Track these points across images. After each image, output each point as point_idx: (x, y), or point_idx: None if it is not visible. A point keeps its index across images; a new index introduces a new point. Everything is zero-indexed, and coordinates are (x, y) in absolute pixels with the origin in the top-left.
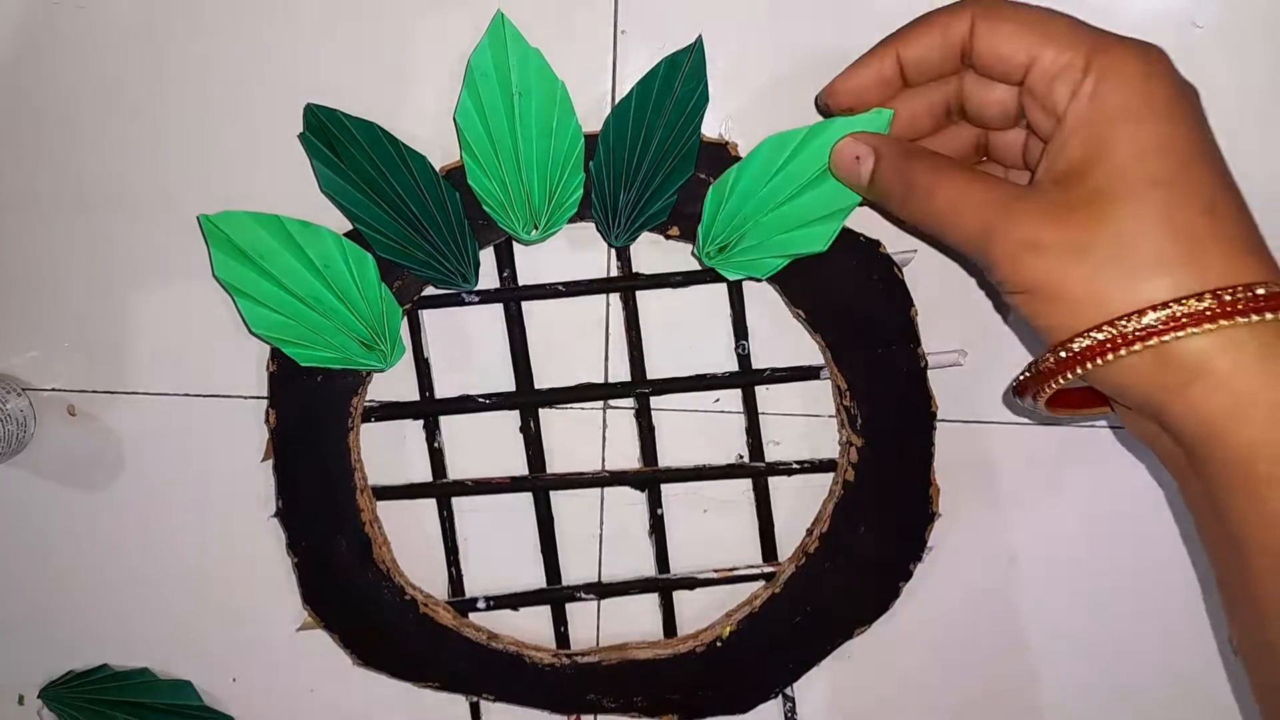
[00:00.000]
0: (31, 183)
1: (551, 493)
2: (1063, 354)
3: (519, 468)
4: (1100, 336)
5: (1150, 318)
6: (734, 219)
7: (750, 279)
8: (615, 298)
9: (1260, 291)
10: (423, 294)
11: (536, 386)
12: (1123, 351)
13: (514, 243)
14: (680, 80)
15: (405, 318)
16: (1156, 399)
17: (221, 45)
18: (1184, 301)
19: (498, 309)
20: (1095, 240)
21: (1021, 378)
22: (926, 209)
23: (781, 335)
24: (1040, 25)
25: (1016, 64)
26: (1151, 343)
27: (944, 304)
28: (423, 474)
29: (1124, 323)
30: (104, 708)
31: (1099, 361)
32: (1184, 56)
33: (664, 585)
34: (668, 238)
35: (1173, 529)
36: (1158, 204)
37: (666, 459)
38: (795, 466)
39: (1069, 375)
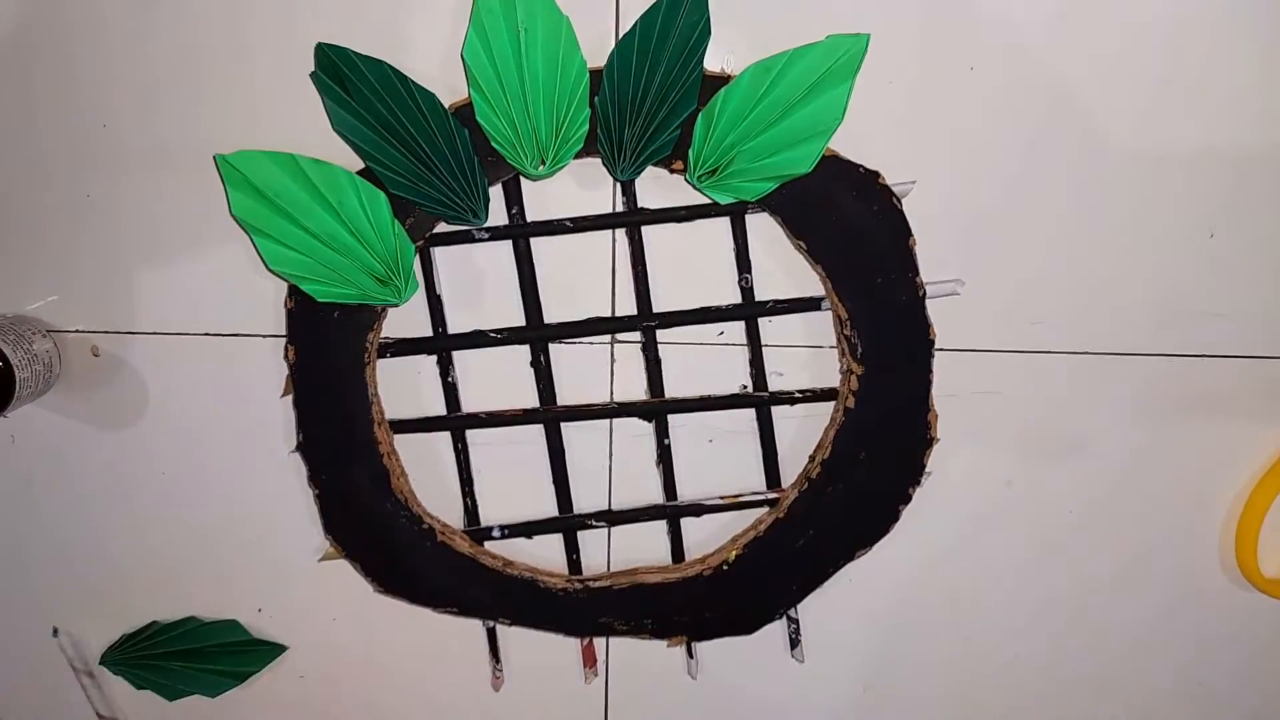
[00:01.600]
0: (52, 131)
1: (562, 424)
2: None
3: (530, 401)
4: None
5: None
6: (722, 144)
7: (741, 202)
8: (621, 233)
9: None
10: (434, 231)
11: (546, 321)
12: None
13: (522, 179)
14: (683, 14)
15: (418, 256)
16: None
17: None
18: None
19: (507, 246)
20: None
21: None
22: None
23: (783, 268)
24: None
25: None
26: None
27: (942, 234)
28: (437, 407)
29: None
30: (161, 660)
31: None
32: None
33: (672, 512)
34: (672, 172)
35: (1161, 450)
36: None
37: (673, 390)
38: (798, 395)
39: None
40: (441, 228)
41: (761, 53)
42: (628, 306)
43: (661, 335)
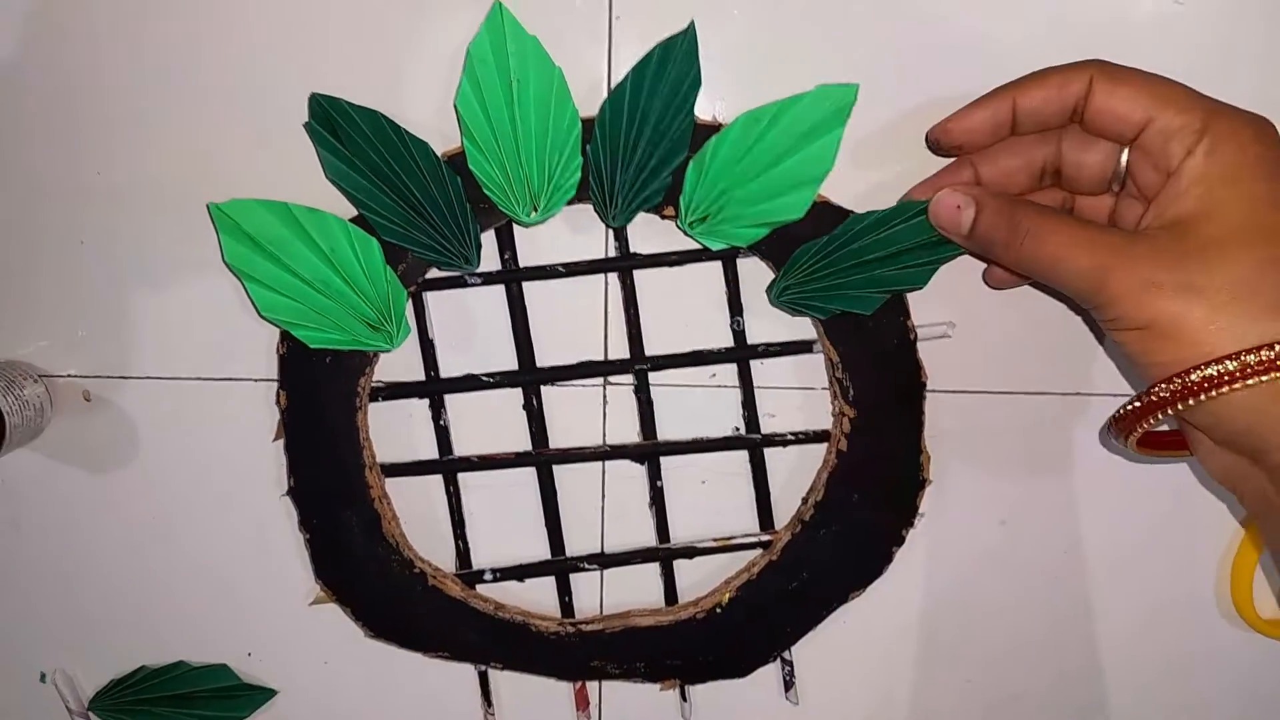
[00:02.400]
0: (45, 176)
1: (554, 467)
2: (1177, 384)
3: (522, 443)
4: (1221, 369)
5: (1277, 350)
6: (713, 191)
7: (732, 247)
8: (613, 277)
9: None
10: (426, 276)
11: (538, 365)
12: (1239, 384)
13: (514, 225)
14: (673, 65)
15: (410, 300)
16: (1262, 431)
17: (229, 39)
18: None
19: (499, 290)
20: (1213, 282)
21: (1125, 410)
22: (1037, 253)
23: (774, 311)
24: (1158, 89)
25: (1133, 122)
26: (1269, 377)
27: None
28: (429, 451)
29: (1249, 356)
30: (150, 705)
31: (1214, 394)
32: (1164, 34)
33: (664, 555)
34: (664, 218)
35: (1157, 489)
36: (1274, 252)
37: (665, 433)
38: (790, 437)
39: (1180, 406)
40: (434, 273)
41: (752, 102)
42: (620, 350)
43: (654, 378)
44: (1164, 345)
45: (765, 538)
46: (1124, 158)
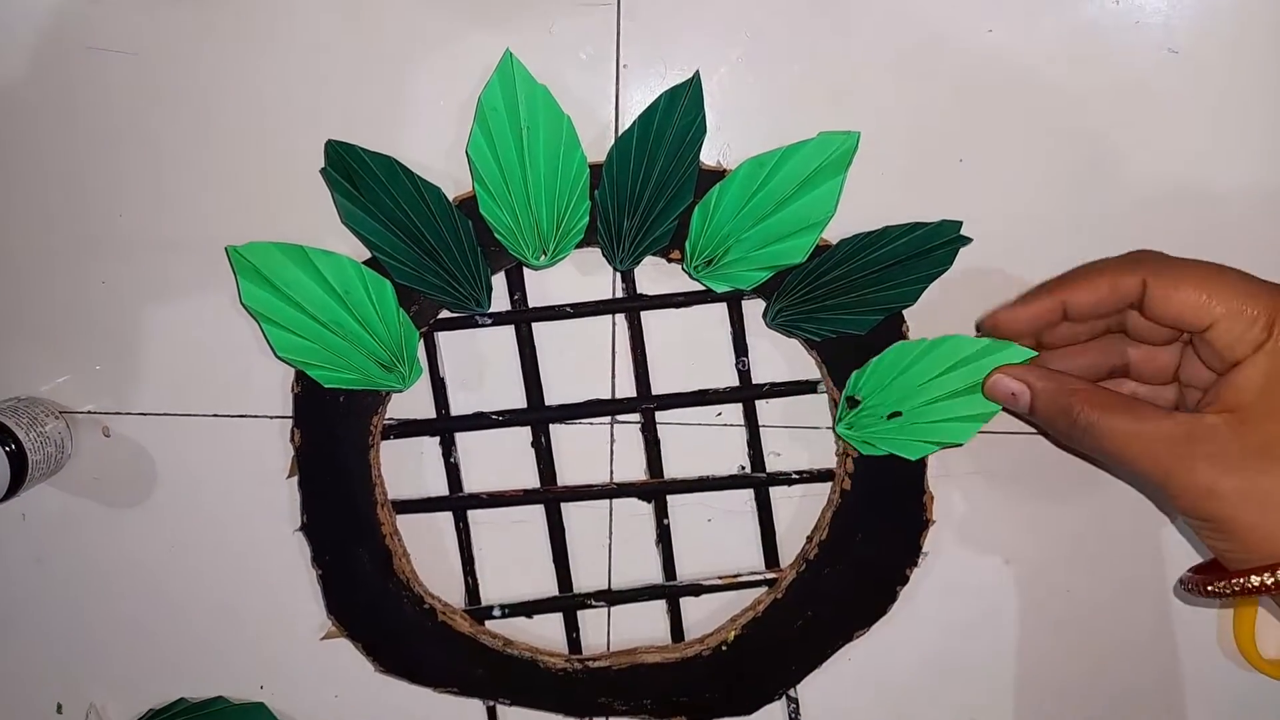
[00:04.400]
0: (67, 218)
1: (562, 504)
2: (1272, 576)
3: (531, 481)
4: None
5: None
6: (718, 235)
7: (737, 290)
8: (621, 318)
9: None
10: (438, 317)
11: (547, 403)
12: None
13: (524, 268)
14: (679, 112)
15: (422, 340)
16: None
17: (248, 88)
18: None
19: (509, 330)
20: (1272, 490)
21: (1216, 585)
22: (1094, 446)
23: (779, 351)
24: (1217, 288)
25: (1195, 325)
26: None
27: (936, 317)
28: (440, 488)
29: None
30: None
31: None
32: (1159, 80)
33: (671, 592)
34: (670, 261)
35: (1159, 529)
36: None
37: (672, 471)
38: (795, 476)
39: (1265, 588)
40: (446, 314)
41: (756, 148)
42: (627, 389)
43: (660, 417)
44: (1229, 543)
45: (770, 576)
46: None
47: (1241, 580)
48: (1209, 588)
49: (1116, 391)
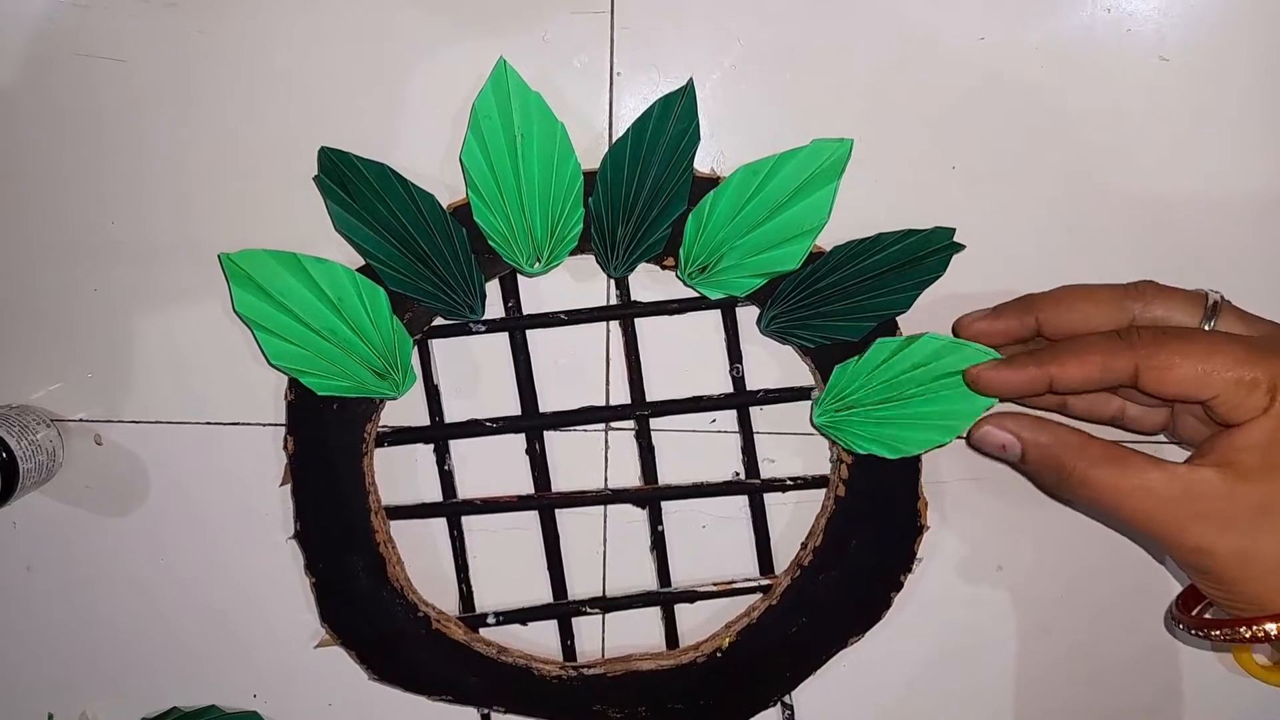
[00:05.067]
0: (58, 225)
1: (556, 511)
2: (1259, 629)
3: (525, 487)
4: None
5: None
6: (712, 242)
7: (731, 296)
8: (615, 325)
9: None
10: (432, 324)
11: (541, 410)
12: None
13: (518, 275)
14: (673, 120)
15: (416, 347)
16: None
17: (241, 95)
18: None
19: (503, 337)
20: (1264, 551)
21: (1214, 633)
22: (1089, 499)
23: (774, 358)
24: (1214, 361)
25: (1195, 400)
26: None
27: (930, 322)
28: (433, 495)
29: None
30: None
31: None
32: (1150, 87)
33: (665, 598)
34: (664, 268)
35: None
36: None
37: (666, 477)
38: (789, 483)
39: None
40: (439, 321)
41: (749, 155)
42: (621, 395)
43: (655, 423)
44: (1219, 593)
45: (765, 582)
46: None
47: (1230, 630)
48: (1199, 633)
49: (1106, 442)
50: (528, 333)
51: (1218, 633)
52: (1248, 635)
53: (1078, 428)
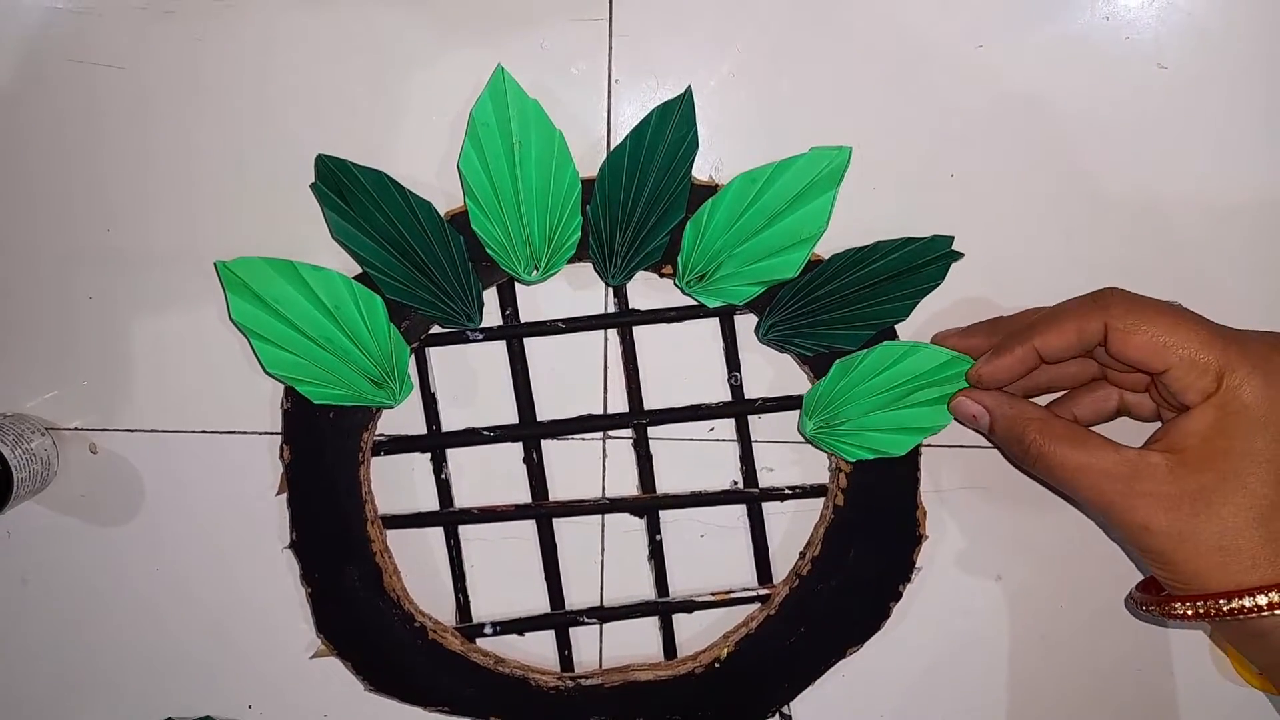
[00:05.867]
0: (53, 233)
1: (554, 520)
2: (1191, 606)
3: (523, 496)
4: (1199, 608)
5: (1242, 602)
6: (710, 250)
7: (729, 304)
8: (613, 333)
9: None
10: (429, 333)
11: (539, 419)
12: (1221, 618)
13: (516, 283)
14: (671, 127)
15: (413, 355)
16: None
17: (238, 102)
18: (1268, 592)
19: (501, 346)
20: (1200, 532)
21: (1149, 608)
22: (1046, 473)
23: (772, 367)
24: (1174, 333)
25: (1150, 368)
26: (1240, 619)
27: (928, 333)
28: (430, 504)
29: (1221, 601)
30: None
31: (1218, 614)
32: (1148, 95)
33: (663, 608)
34: (662, 276)
35: None
36: (1259, 511)
37: (664, 486)
38: (788, 492)
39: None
40: (437, 329)
41: (748, 163)
42: (619, 404)
43: (653, 432)
44: (1164, 571)
45: (763, 592)
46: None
47: (1168, 606)
48: (1145, 609)
49: (1068, 422)
50: (525, 341)
51: (1156, 608)
52: (1181, 612)
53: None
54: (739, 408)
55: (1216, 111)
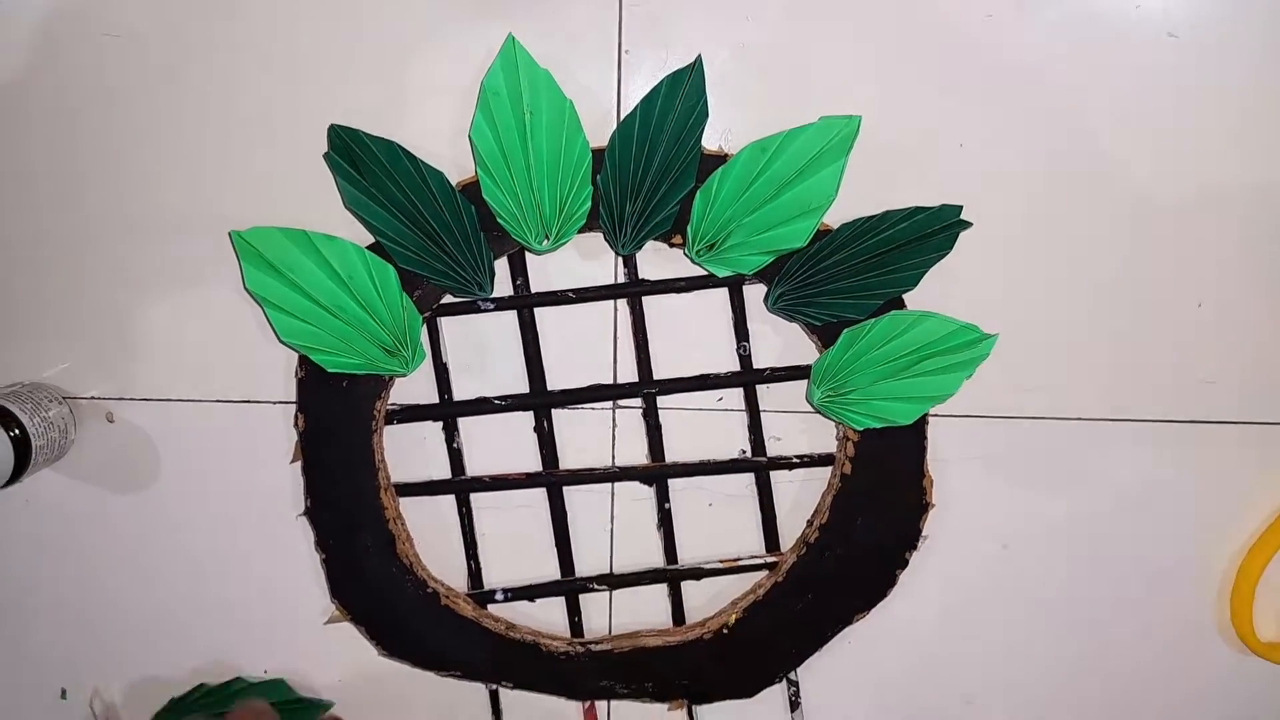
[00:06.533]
0: (71, 203)
1: (565, 488)
2: None
3: (533, 465)
4: None
5: None
6: (720, 219)
7: (738, 274)
8: (623, 303)
9: None
10: (441, 302)
11: (549, 388)
12: None
13: (526, 253)
14: (681, 97)
15: (425, 325)
16: None
17: (251, 73)
18: None
19: (512, 315)
20: None
21: None
22: None
23: (780, 336)
24: None
25: None
26: None
27: (935, 302)
28: (442, 472)
29: None
30: None
31: None
32: (1158, 64)
33: (672, 576)
34: (672, 245)
35: (1155, 514)
36: None
37: (673, 455)
38: (795, 461)
39: None
40: (448, 299)
41: (757, 133)
42: (629, 374)
43: (662, 401)
44: None
45: (771, 559)
46: None
47: None
48: None
49: None
50: (536, 310)
51: None
52: None
53: None
54: (747, 377)
55: (1227, 79)
